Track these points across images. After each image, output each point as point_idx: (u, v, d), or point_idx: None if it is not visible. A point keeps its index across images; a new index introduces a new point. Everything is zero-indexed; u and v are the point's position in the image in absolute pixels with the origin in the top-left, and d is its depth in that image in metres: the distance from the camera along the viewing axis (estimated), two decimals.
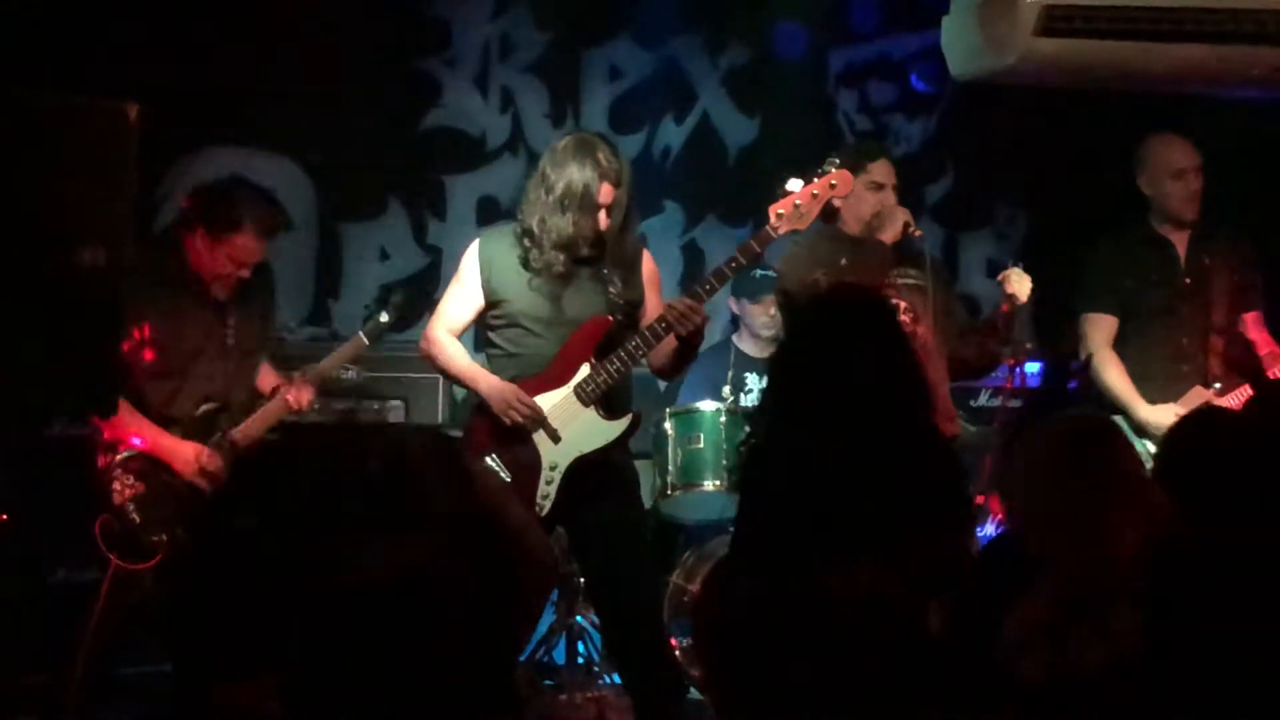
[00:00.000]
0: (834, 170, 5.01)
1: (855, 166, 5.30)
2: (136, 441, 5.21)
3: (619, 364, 4.85)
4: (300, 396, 5.46)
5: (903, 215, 5.30)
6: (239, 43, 6.59)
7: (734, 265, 4.88)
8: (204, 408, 5.36)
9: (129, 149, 4.18)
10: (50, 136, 4.09)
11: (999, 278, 5.36)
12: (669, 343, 4.87)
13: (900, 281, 5.29)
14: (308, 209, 7.15)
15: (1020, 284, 5.29)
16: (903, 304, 5.22)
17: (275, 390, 5.51)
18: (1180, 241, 5.89)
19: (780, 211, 4.89)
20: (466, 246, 5.02)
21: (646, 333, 4.86)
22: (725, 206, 7.75)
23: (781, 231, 4.88)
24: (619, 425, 4.92)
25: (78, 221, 4.10)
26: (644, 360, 4.92)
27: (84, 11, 6.22)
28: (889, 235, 5.26)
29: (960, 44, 6.01)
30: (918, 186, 7.57)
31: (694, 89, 7.65)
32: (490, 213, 7.32)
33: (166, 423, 5.28)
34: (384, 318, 5.60)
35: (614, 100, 7.55)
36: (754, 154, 7.74)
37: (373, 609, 1.92)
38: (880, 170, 5.40)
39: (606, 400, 4.90)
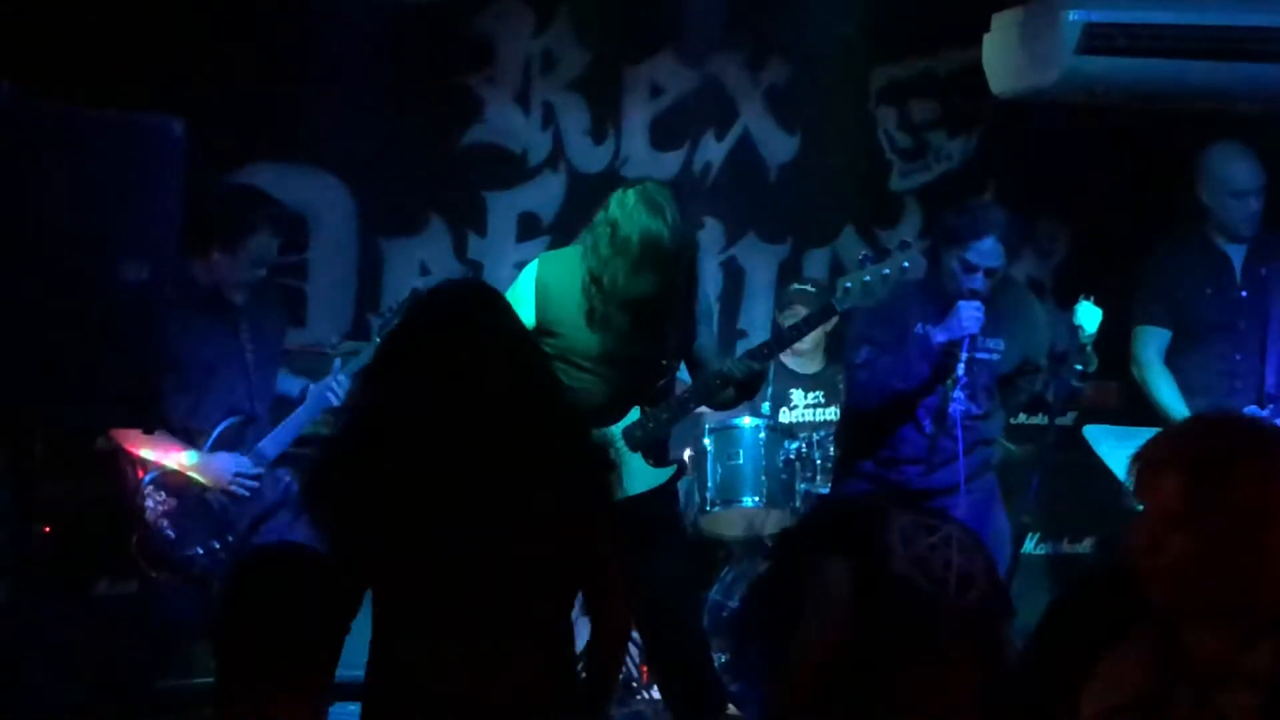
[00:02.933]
0: (908, 253, 4.98)
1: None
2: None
3: (670, 414, 4.90)
4: (337, 392, 5.50)
5: None
6: (281, 59, 6.63)
7: (797, 332, 5.17)
8: (228, 421, 5.39)
9: (175, 164, 4.21)
10: (97, 152, 4.12)
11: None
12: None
13: None
14: (348, 224, 7.17)
15: (1089, 317, 5.26)
16: None
17: (304, 392, 5.54)
18: (1237, 253, 5.82)
19: (848, 286, 4.90)
20: (505, 260, 5.05)
21: (700, 386, 4.90)
22: (765, 223, 7.74)
23: (844, 307, 4.97)
24: (664, 473, 4.97)
25: (124, 236, 4.14)
26: (694, 410, 5.02)
27: (130, 29, 6.26)
28: None
29: (1002, 62, 6.00)
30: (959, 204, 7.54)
31: (735, 106, 7.64)
32: (531, 228, 7.33)
33: (190, 436, 5.31)
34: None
35: (655, 117, 7.55)
36: (794, 171, 7.73)
37: None
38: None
39: (653, 446, 4.91)
